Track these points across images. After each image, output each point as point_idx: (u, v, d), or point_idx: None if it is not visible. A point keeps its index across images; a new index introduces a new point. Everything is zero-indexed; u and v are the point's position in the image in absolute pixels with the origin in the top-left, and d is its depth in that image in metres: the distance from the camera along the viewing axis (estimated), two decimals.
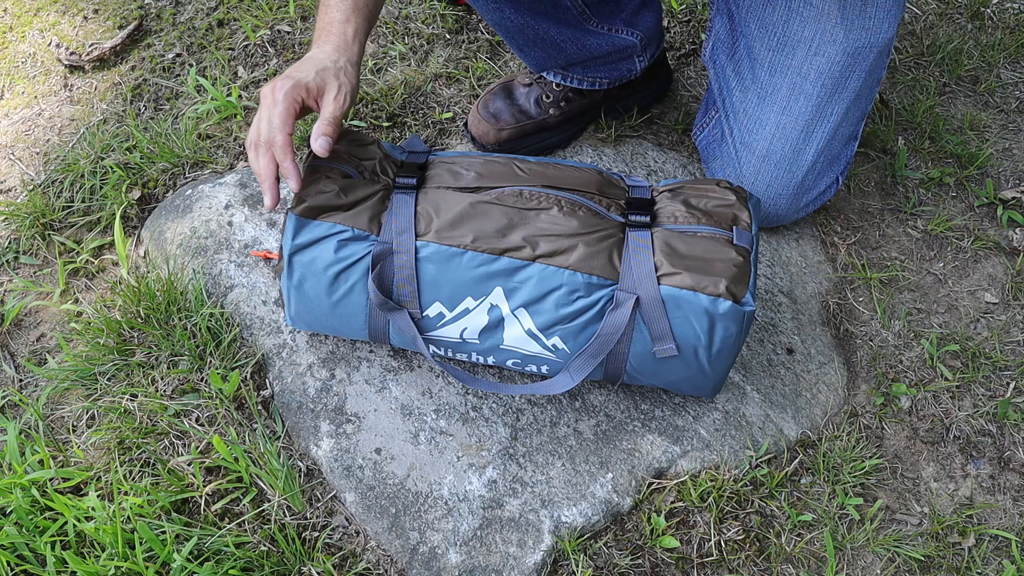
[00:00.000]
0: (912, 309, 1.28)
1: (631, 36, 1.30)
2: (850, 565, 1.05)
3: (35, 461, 1.05)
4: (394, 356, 1.13)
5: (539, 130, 1.36)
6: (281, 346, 1.14)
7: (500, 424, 1.09)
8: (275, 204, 0.97)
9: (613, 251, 0.96)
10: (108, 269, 1.27)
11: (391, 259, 0.97)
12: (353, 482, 1.05)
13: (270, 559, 0.99)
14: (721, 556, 1.03)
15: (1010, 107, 1.55)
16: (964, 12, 1.70)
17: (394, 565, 1.01)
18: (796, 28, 1.17)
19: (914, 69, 1.59)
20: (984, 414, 1.18)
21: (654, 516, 1.04)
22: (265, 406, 1.11)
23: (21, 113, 1.48)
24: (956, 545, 1.07)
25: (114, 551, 0.96)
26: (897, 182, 1.42)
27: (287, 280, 1.01)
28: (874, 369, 1.21)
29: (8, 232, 1.31)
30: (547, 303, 0.96)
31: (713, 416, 1.12)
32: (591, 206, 0.99)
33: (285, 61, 1.52)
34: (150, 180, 1.35)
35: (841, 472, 1.11)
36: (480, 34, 1.57)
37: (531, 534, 1.02)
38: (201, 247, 1.23)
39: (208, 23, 1.60)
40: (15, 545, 0.98)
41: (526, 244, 0.95)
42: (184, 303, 1.17)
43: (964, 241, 1.35)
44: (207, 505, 1.03)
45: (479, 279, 0.96)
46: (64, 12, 1.63)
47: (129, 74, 1.53)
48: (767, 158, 1.21)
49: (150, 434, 1.08)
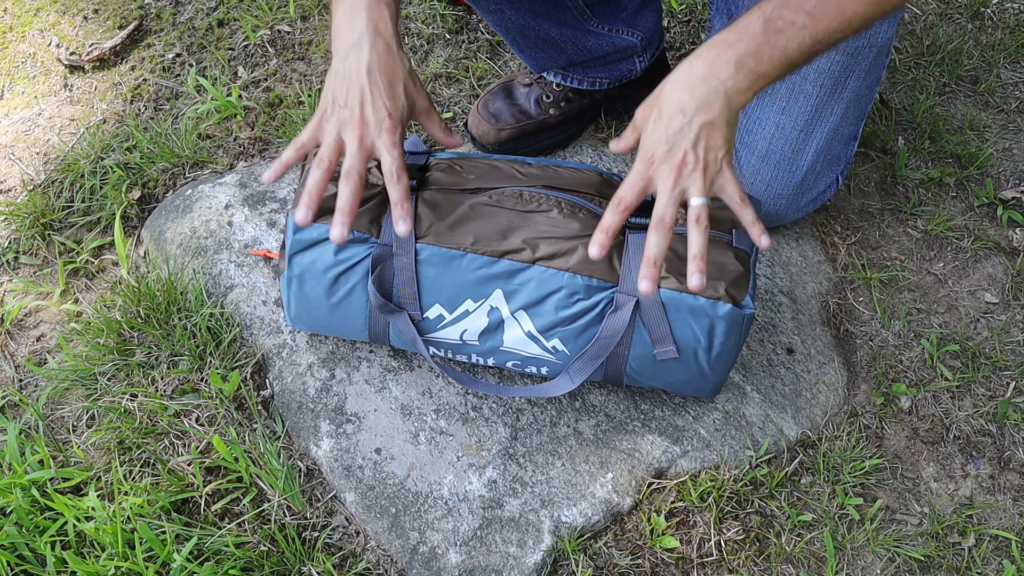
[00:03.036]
0: (912, 309, 1.28)
1: (631, 37, 1.30)
2: (850, 565, 1.05)
3: (35, 461, 1.05)
4: (394, 356, 1.13)
5: (539, 130, 1.36)
6: (281, 346, 1.14)
7: (500, 424, 1.09)
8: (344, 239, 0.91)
9: (613, 253, 0.96)
10: (108, 269, 1.28)
11: (391, 261, 0.97)
12: (353, 482, 1.05)
13: (270, 559, 0.99)
14: (721, 556, 1.03)
15: (1010, 107, 1.55)
16: (964, 12, 1.70)
17: (394, 565, 1.01)
18: None
19: (914, 69, 1.59)
20: (984, 414, 1.18)
21: (654, 516, 1.04)
22: (265, 406, 1.11)
23: (21, 113, 1.48)
24: (956, 545, 1.07)
25: (114, 551, 0.96)
26: (897, 182, 1.42)
27: (287, 282, 1.02)
28: (874, 369, 1.21)
29: (8, 232, 1.31)
30: (547, 305, 0.96)
31: (713, 416, 1.12)
32: (591, 208, 0.98)
33: (285, 61, 1.52)
34: (150, 180, 1.35)
35: (841, 472, 1.11)
36: (480, 34, 1.57)
37: (531, 534, 1.02)
38: (201, 247, 1.23)
39: (208, 23, 1.60)
40: (15, 545, 0.98)
41: (526, 246, 0.95)
42: (184, 303, 1.17)
43: (964, 241, 1.35)
44: (207, 505, 1.03)
45: (479, 281, 0.96)
46: (64, 12, 1.63)
47: (129, 74, 1.53)
48: (767, 158, 1.21)
49: (150, 434, 1.08)
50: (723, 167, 0.87)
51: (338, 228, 0.89)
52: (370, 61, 0.90)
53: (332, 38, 0.93)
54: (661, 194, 0.86)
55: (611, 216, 0.87)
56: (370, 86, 0.90)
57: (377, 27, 0.91)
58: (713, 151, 0.86)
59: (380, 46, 0.91)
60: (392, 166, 0.90)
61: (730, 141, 0.87)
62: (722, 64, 0.85)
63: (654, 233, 0.86)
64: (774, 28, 0.86)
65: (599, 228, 0.87)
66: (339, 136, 0.91)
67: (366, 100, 0.90)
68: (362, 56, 0.90)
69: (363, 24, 0.91)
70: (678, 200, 0.86)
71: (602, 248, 0.87)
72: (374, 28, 0.91)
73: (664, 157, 0.85)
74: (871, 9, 0.88)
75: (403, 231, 0.89)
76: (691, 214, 0.86)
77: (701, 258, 0.85)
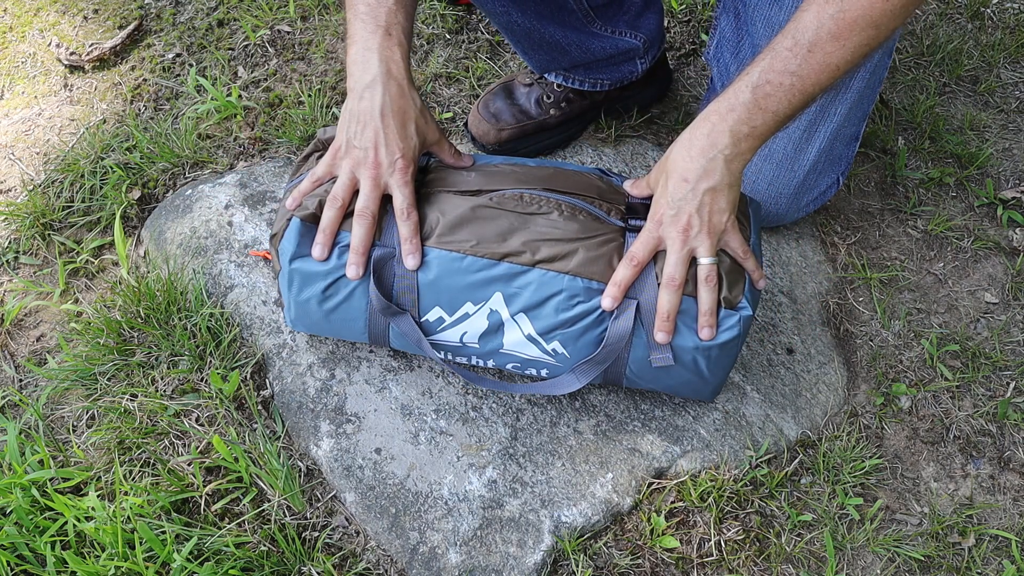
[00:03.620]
0: (912, 309, 1.28)
1: (634, 39, 1.30)
2: (850, 565, 1.05)
3: (35, 461, 1.05)
4: (394, 356, 1.13)
5: (539, 130, 1.36)
6: (281, 346, 1.14)
7: (500, 424, 1.09)
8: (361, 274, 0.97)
9: (613, 256, 0.96)
10: (108, 269, 1.28)
11: (391, 264, 0.97)
12: (353, 482, 1.05)
13: (270, 559, 0.99)
14: (721, 556, 1.03)
15: (1010, 107, 1.55)
16: (964, 12, 1.70)
17: (394, 565, 1.01)
18: None
19: (914, 69, 1.59)
20: (984, 414, 1.18)
21: (654, 516, 1.04)
22: (265, 406, 1.11)
23: (21, 113, 1.48)
24: (956, 545, 1.07)
25: (114, 551, 0.96)
26: (897, 182, 1.42)
27: (287, 285, 1.01)
28: (874, 369, 1.21)
29: (8, 232, 1.31)
30: (547, 308, 0.96)
31: (713, 416, 1.12)
32: (591, 210, 0.98)
33: (285, 61, 1.52)
34: (150, 180, 1.35)
35: (841, 472, 1.11)
36: (480, 34, 1.57)
37: (531, 534, 1.02)
38: (201, 247, 1.23)
39: (208, 23, 1.60)
40: (15, 545, 0.98)
41: (526, 249, 0.95)
42: (184, 303, 1.17)
43: (964, 241, 1.35)
44: (207, 505, 1.03)
45: (479, 284, 0.96)
46: (64, 12, 1.63)
47: (129, 74, 1.53)
48: (769, 157, 1.21)
49: (150, 434, 1.08)
50: (727, 228, 0.94)
51: (353, 268, 0.96)
52: (383, 104, 0.96)
53: (348, 74, 0.99)
54: (670, 254, 0.93)
55: (624, 271, 0.94)
56: (383, 128, 0.96)
57: (389, 68, 0.97)
58: (718, 214, 0.93)
59: (392, 88, 0.96)
60: (403, 204, 0.96)
61: (734, 203, 0.94)
62: (718, 135, 0.92)
63: (665, 292, 0.93)
64: (763, 94, 0.92)
65: (612, 282, 0.94)
66: (353, 175, 0.97)
67: (380, 142, 0.96)
68: (375, 98, 0.96)
69: (376, 66, 0.96)
70: (687, 259, 0.93)
71: (614, 301, 0.94)
72: (386, 70, 0.96)
73: (671, 220, 0.93)
74: (857, 55, 0.91)
75: (412, 265, 0.96)
76: (700, 273, 0.93)
77: (711, 313, 0.94)
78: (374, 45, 0.96)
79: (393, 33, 0.97)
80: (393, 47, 0.97)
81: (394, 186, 0.96)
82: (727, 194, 0.93)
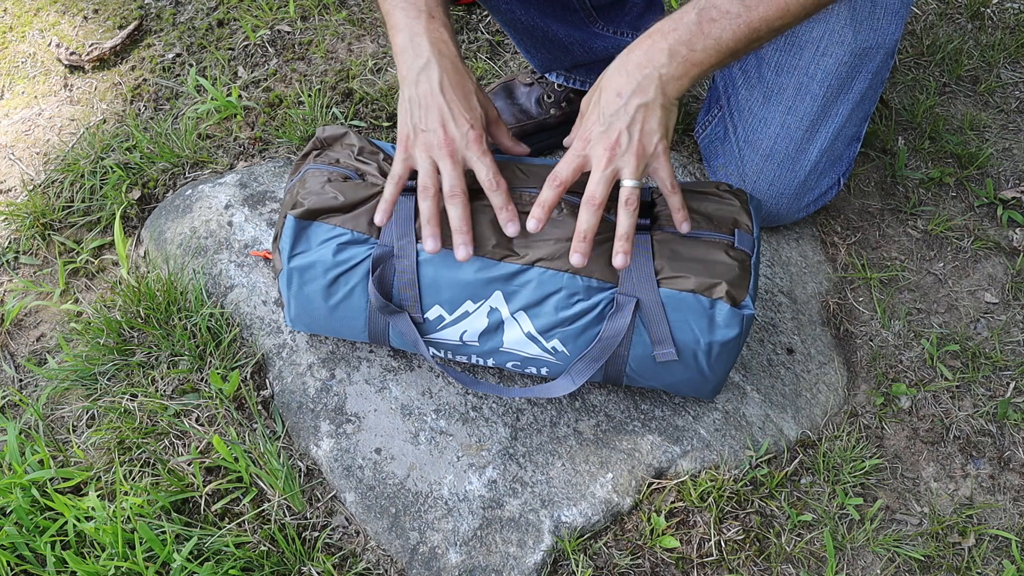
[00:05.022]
0: (912, 309, 1.28)
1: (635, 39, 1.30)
2: (850, 565, 1.05)
3: (35, 461, 1.05)
4: (394, 356, 1.13)
5: (539, 130, 1.36)
6: (281, 346, 1.14)
7: (500, 424, 1.09)
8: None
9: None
10: (108, 269, 1.28)
11: (391, 262, 0.97)
12: (353, 482, 1.05)
13: (270, 559, 0.99)
14: (721, 556, 1.03)
15: (1010, 107, 1.55)
16: (964, 12, 1.70)
17: (394, 565, 1.01)
18: (805, 28, 1.17)
19: (914, 69, 1.59)
20: (984, 414, 1.18)
21: (654, 516, 1.04)
22: (265, 406, 1.11)
23: (21, 113, 1.48)
24: (956, 545, 1.07)
25: (114, 551, 0.96)
26: (897, 182, 1.42)
27: (286, 284, 1.01)
28: (874, 369, 1.21)
29: (8, 232, 1.31)
30: (547, 306, 0.96)
31: (713, 416, 1.12)
32: None
33: (285, 61, 1.52)
34: (150, 180, 1.35)
35: (841, 472, 1.11)
36: (480, 34, 1.57)
37: (531, 534, 1.02)
38: (201, 247, 1.23)
39: (208, 23, 1.60)
40: (15, 545, 0.98)
41: (526, 248, 0.95)
42: (184, 303, 1.17)
43: (964, 241, 1.35)
44: (207, 505, 1.03)
45: (479, 283, 0.96)
46: (64, 12, 1.63)
47: (129, 74, 1.53)
48: (770, 157, 1.21)
49: (150, 434, 1.08)
50: (658, 152, 0.90)
51: (462, 249, 0.93)
52: (441, 81, 0.94)
53: (397, 65, 0.97)
54: (594, 172, 0.89)
55: (547, 191, 0.91)
56: (447, 104, 0.94)
57: (440, 49, 0.95)
58: (648, 135, 0.89)
59: (447, 65, 0.95)
60: (488, 175, 0.93)
61: (666, 127, 0.90)
62: (656, 52, 0.89)
63: (584, 210, 0.89)
64: (708, 18, 0.89)
65: (536, 203, 0.91)
66: (431, 159, 0.94)
67: (446, 118, 0.93)
68: (432, 78, 0.94)
69: (427, 49, 0.94)
70: (610, 180, 0.89)
71: (539, 222, 0.91)
72: (438, 51, 0.95)
73: (599, 137, 0.89)
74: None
75: (513, 232, 0.93)
76: (621, 195, 0.89)
77: (627, 239, 0.90)
78: (420, 29, 0.95)
79: (436, 16, 0.96)
80: (439, 28, 0.96)
81: (473, 159, 0.93)
82: (660, 115, 0.89)
